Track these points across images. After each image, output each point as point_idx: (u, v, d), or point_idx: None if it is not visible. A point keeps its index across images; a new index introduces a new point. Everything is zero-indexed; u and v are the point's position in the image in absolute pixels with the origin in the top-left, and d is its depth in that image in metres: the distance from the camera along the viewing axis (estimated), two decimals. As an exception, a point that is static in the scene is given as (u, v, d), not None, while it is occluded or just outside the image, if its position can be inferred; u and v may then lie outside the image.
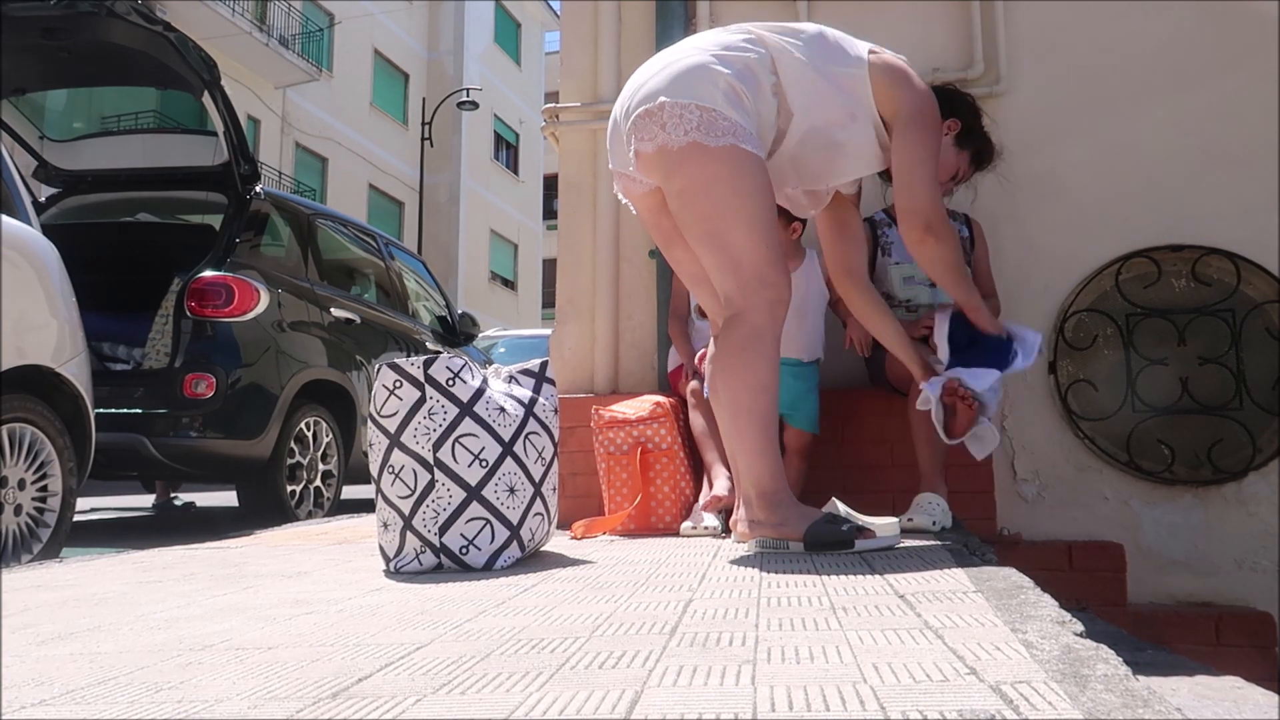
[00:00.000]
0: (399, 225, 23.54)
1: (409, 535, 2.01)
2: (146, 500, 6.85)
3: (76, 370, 3.24)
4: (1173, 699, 1.53)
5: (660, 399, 2.89)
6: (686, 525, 2.65)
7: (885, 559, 1.88)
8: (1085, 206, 3.24)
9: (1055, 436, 3.20)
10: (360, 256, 5.94)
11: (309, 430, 4.84)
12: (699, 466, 2.85)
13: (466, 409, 2.01)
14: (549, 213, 29.72)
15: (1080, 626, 1.18)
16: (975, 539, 2.35)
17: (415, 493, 2.00)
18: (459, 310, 6.80)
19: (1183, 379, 3.16)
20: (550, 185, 28.65)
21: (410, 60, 24.67)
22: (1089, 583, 2.98)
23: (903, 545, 2.07)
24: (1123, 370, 3.20)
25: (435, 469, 1.98)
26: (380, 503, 2.07)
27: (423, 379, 2.01)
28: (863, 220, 3.04)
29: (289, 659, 1.18)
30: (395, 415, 2.02)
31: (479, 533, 1.99)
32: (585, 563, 2.07)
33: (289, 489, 4.67)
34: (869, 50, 2.18)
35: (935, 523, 2.47)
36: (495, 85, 27.61)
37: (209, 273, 4.36)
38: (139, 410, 4.16)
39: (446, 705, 0.93)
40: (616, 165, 2.25)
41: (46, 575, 2.30)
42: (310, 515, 4.79)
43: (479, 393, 2.04)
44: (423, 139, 21.28)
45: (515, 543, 2.03)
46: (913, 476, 2.64)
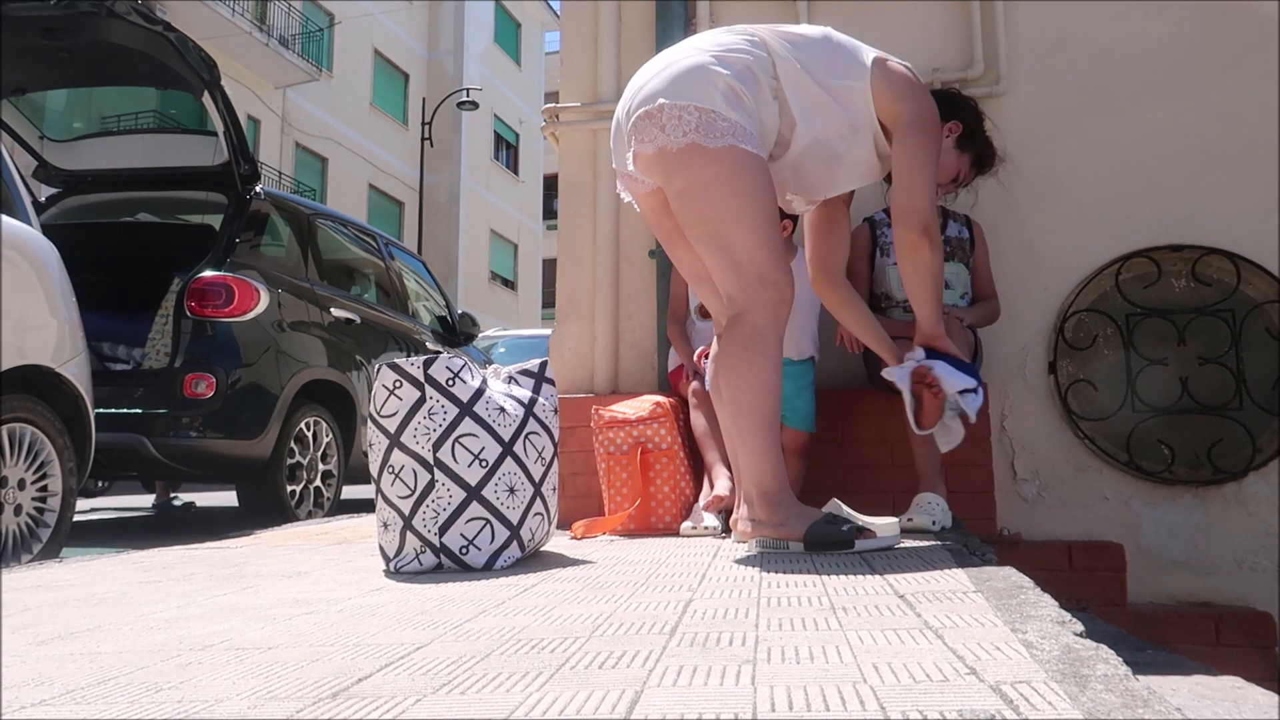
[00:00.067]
0: (399, 225, 23.54)
1: (409, 535, 2.01)
2: (147, 500, 6.85)
3: (76, 370, 3.24)
4: (1173, 699, 1.53)
5: (660, 399, 2.89)
6: (686, 525, 2.65)
7: (885, 559, 1.88)
8: (1085, 206, 3.24)
9: (1055, 436, 3.20)
10: (360, 256, 5.94)
11: (309, 430, 4.84)
12: (699, 466, 2.85)
13: (466, 409, 2.01)
14: (549, 213, 29.71)
15: (1080, 626, 1.18)
16: (975, 539, 2.35)
17: (415, 493, 2.00)
18: (459, 310, 6.80)
19: (1183, 379, 3.16)
20: (550, 185, 28.65)
21: (410, 60, 24.67)
22: (1089, 583, 2.98)
23: (903, 545, 2.07)
24: (1123, 370, 3.20)
25: (435, 469, 1.98)
26: (380, 503, 2.08)
27: (423, 379, 2.01)
28: (863, 220, 3.05)
29: (289, 659, 1.18)
30: (395, 415, 2.02)
31: (479, 533, 1.99)
32: (585, 563, 2.07)
33: (289, 489, 4.67)
34: (874, 58, 2.16)
35: (935, 522, 2.47)
36: (495, 85, 27.61)
37: (209, 273, 4.36)
38: (139, 410, 4.17)
39: (446, 705, 0.93)
40: (619, 165, 2.25)
41: (46, 575, 2.30)
42: (310, 515, 4.79)
43: (479, 393, 2.04)
44: (423, 139, 21.28)
45: (515, 543, 2.03)
46: (913, 476, 2.64)
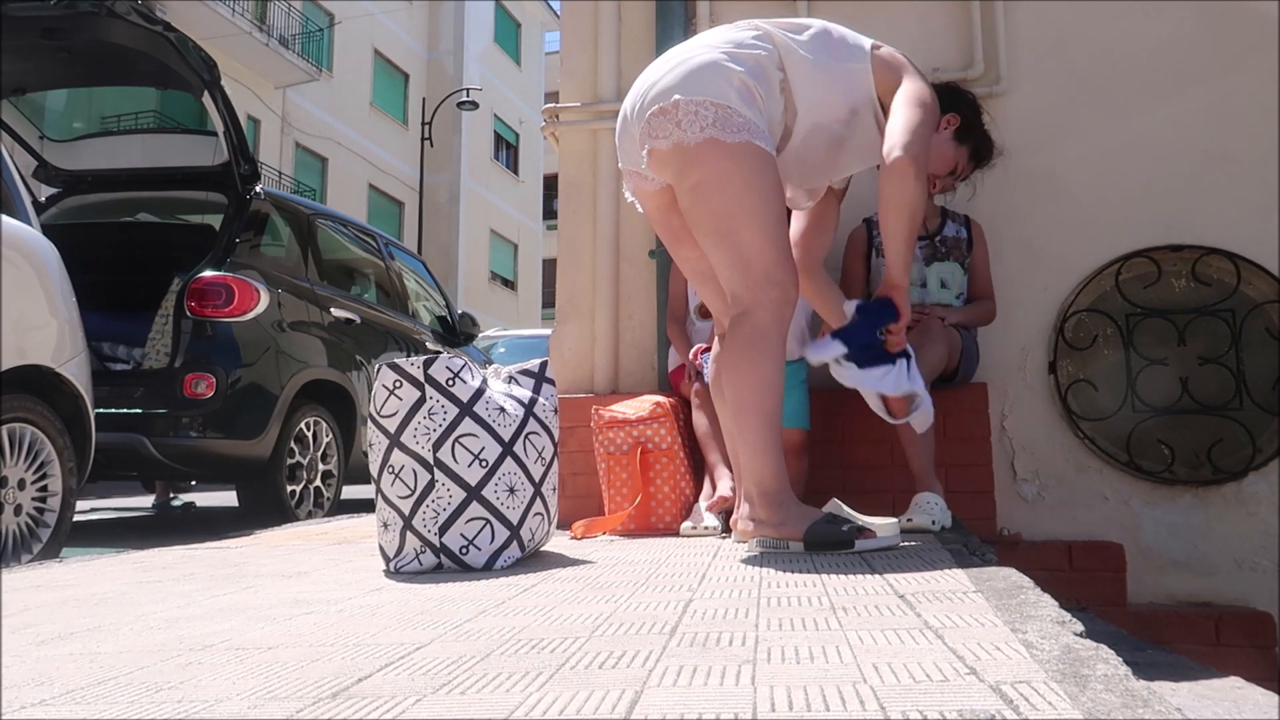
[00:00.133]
0: (399, 225, 23.53)
1: (409, 535, 2.01)
2: (147, 500, 6.85)
3: (76, 370, 3.24)
4: (1173, 699, 1.53)
5: (660, 399, 2.89)
6: (686, 525, 2.65)
7: (885, 559, 1.88)
8: (1085, 206, 3.24)
9: (1055, 436, 3.20)
10: (360, 256, 5.94)
11: (309, 430, 4.84)
12: (699, 466, 2.85)
13: (466, 409, 2.01)
14: (549, 213, 29.71)
15: (1080, 626, 1.18)
16: (975, 539, 2.35)
17: (415, 493, 2.00)
18: (459, 310, 6.80)
19: (1183, 379, 3.16)
20: (550, 185, 28.64)
21: (410, 60, 24.67)
22: (1089, 583, 2.98)
23: (903, 545, 2.07)
24: (1123, 370, 3.20)
25: (435, 469, 1.98)
26: (380, 503, 2.08)
27: (423, 379, 2.01)
28: (861, 220, 3.05)
29: (289, 659, 1.18)
30: (395, 415, 2.02)
31: (479, 533, 1.99)
32: (585, 563, 2.07)
33: (289, 489, 4.67)
34: (872, 44, 2.20)
35: (935, 522, 2.47)
36: (495, 85, 27.60)
37: (209, 273, 4.36)
38: (139, 410, 4.17)
39: (446, 705, 0.93)
40: (626, 163, 2.24)
41: (46, 575, 2.30)
42: (310, 515, 4.79)
43: (479, 393, 2.04)
44: (423, 139, 21.28)
45: (515, 543, 2.03)
46: (912, 476, 2.64)
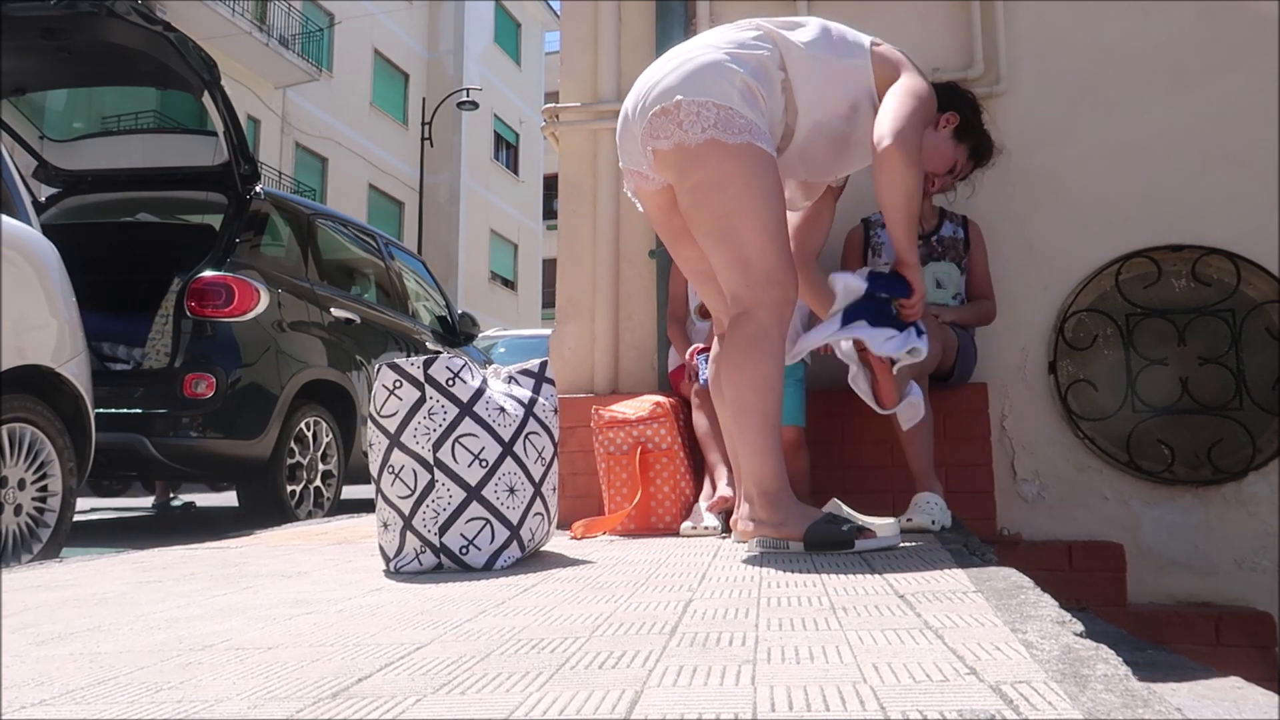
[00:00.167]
0: (399, 225, 23.53)
1: (409, 535, 2.01)
2: (147, 500, 6.85)
3: (76, 370, 3.24)
4: (1173, 699, 1.53)
5: (660, 399, 2.89)
6: (686, 525, 2.65)
7: (885, 559, 1.88)
8: (1085, 206, 3.24)
9: (1055, 436, 3.20)
10: (360, 256, 5.94)
11: (309, 430, 4.84)
12: (699, 466, 2.85)
13: (466, 409, 2.01)
14: (549, 213, 29.70)
15: (1080, 626, 1.18)
16: (975, 539, 2.35)
17: (415, 493, 2.00)
18: (459, 310, 6.80)
19: (1183, 379, 3.16)
20: (550, 185, 28.63)
21: (410, 60, 24.67)
22: (1089, 583, 2.98)
23: (903, 545, 2.07)
24: (1123, 370, 3.20)
25: (435, 469, 1.98)
26: (380, 503, 2.08)
27: (423, 379, 2.01)
28: (859, 221, 3.05)
29: (289, 659, 1.18)
30: (395, 415, 2.02)
31: (479, 533, 1.99)
32: (585, 563, 2.07)
33: (289, 489, 4.67)
34: (871, 41, 2.21)
35: (935, 522, 2.47)
36: (495, 85, 27.60)
37: (209, 273, 4.36)
38: (139, 410, 4.17)
39: (446, 705, 0.93)
40: (627, 163, 2.24)
41: (46, 575, 2.30)
42: (310, 515, 4.79)
43: (479, 393, 2.04)
44: (423, 139, 21.28)
45: (515, 543, 2.03)
46: (912, 476, 2.64)
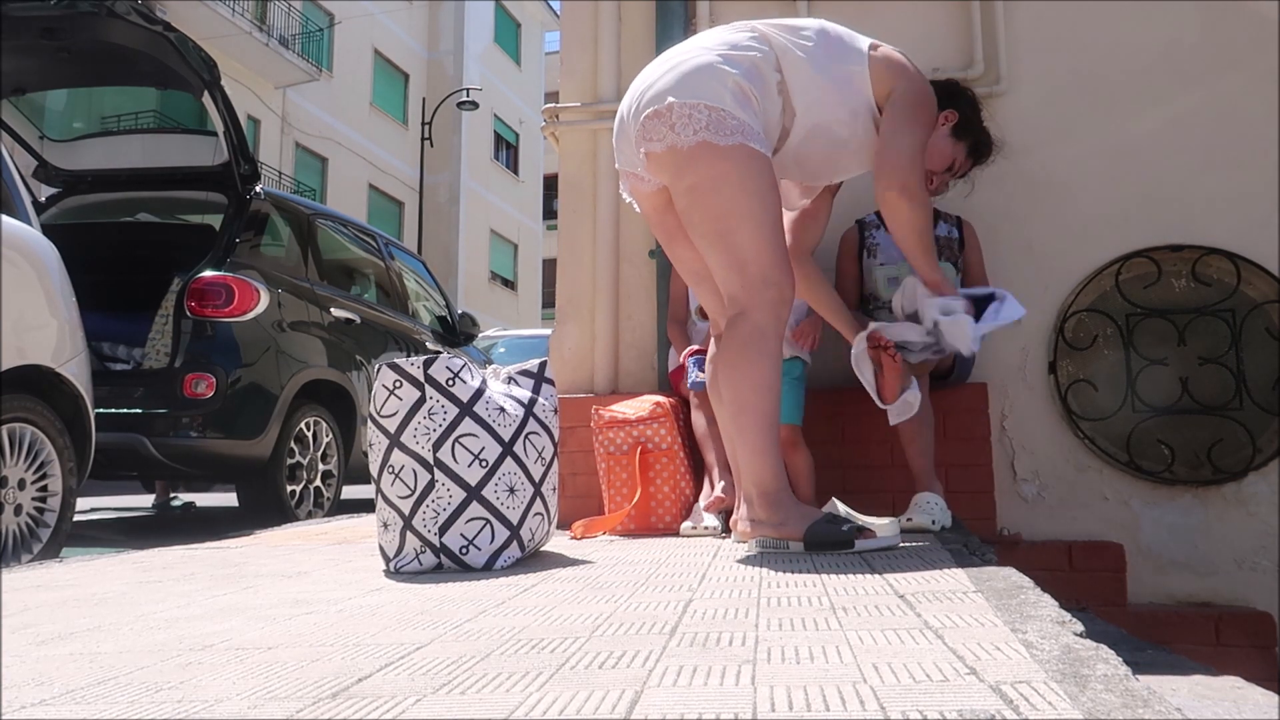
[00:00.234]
0: (399, 225, 23.53)
1: (409, 535, 2.01)
2: (147, 500, 6.85)
3: (76, 370, 3.24)
4: (1173, 699, 1.53)
5: (660, 399, 2.89)
6: (686, 525, 2.65)
7: (885, 559, 1.88)
8: (1085, 206, 3.24)
9: (1055, 436, 3.20)
10: (360, 256, 5.94)
11: (309, 430, 4.84)
12: (699, 466, 2.85)
13: (466, 409, 2.01)
14: (549, 213, 29.70)
15: (1080, 626, 1.18)
16: (975, 539, 2.35)
17: (415, 493, 2.00)
18: (459, 310, 6.80)
19: (1183, 379, 3.16)
20: (550, 185, 28.63)
21: (410, 60, 24.66)
22: (1089, 583, 2.98)
23: (903, 545, 2.07)
24: (1123, 370, 3.19)
25: (435, 469, 1.98)
26: (380, 503, 2.08)
27: (423, 379, 2.01)
28: (854, 222, 3.05)
29: (289, 659, 1.18)
30: (395, 415, 2.02)
31: (479, 533, 1.99)
32: (585, 563, 2.07)
33: (289, 489, 4.67)
34: (870, 45, 2.20)
35: (935, 522, 2.47)
36: (495, 85, 27.59)
37: (209, 273, 4.36)
38: (139, 410, 4.16)
39: (446, 705, 0.93)
40: (623, 164, 2.25)
41: (46, 575, 2.30)
42: (310, 515, 4.79)
43: (479, 393, 2.04)
44: (423, 139, 21.27)
45: (515, 543, 2.03)
46: (912, 476, 2.64)
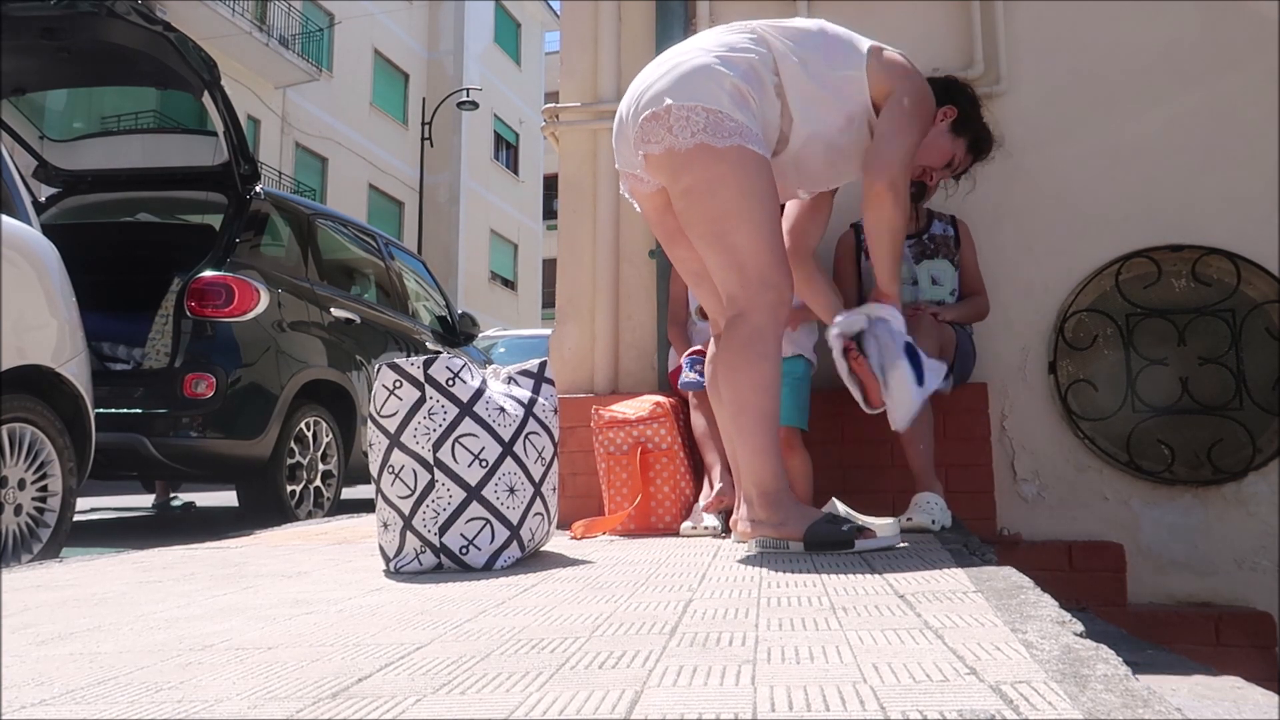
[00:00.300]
0: (399, 225, 23.53)
1: (409, 535, 2.01)
2: (146, 500, 6.85)
3: (76, 370, 3.24)
4: (1173, 699, 1.53)
5: (660, 399, 2.89)
6: (686, 525, 2.65)
7: (885, 559, 1.88)
8: (1085, 206, 3.24)
9: (1055, 436, 3.20)
10: (360, 256, 5.94)
11: (309, 430, 4.84)
12: (699, 466, 2.85)
13: (466, 409, 2.01)
14: (549, 213, 29.70)
15: (1080, 626, 1.18)
16: (975, 539, 2.35)
17: (415, 493, 2.00)
18: (459, 310, 6.80)
19: (1183, 379, 3.16)
20: (550, 185, 28.63)
21: (410, 60, 24.66)
22: (1089, 583, 2.98)
23: (903, 545, 2.07)
24: (1123, 370, 3.20)
25: (435, 469, 1.98)
26: (380, 503, 2.08)
27: (423, 379, 2.01)
28: (849, 226, 3.04)
29: (289, 659, 1.18)
30: (395, 415, 2.02)
31: (479, 533, 1.99)
32: (585, 563, 2.07)
33: (289, 489, 4.67)
34: (870, 46, 2.19)
35: (935, 521, 2.47)
36: (495, 85, 27.59)
37: (209, 273, 4.36)
38: (139, 410, 4.16)
39: (446, 705, 0.93)
40: (622, 165, 2.25)
41: (46, 575, 2.30)
42: (310, 515, 4.79)
43: (479, 393, 2.04)
44: (423, 139, 21.27)
45: (515, 543, 2.03)
46: (912, 476, 2.64)
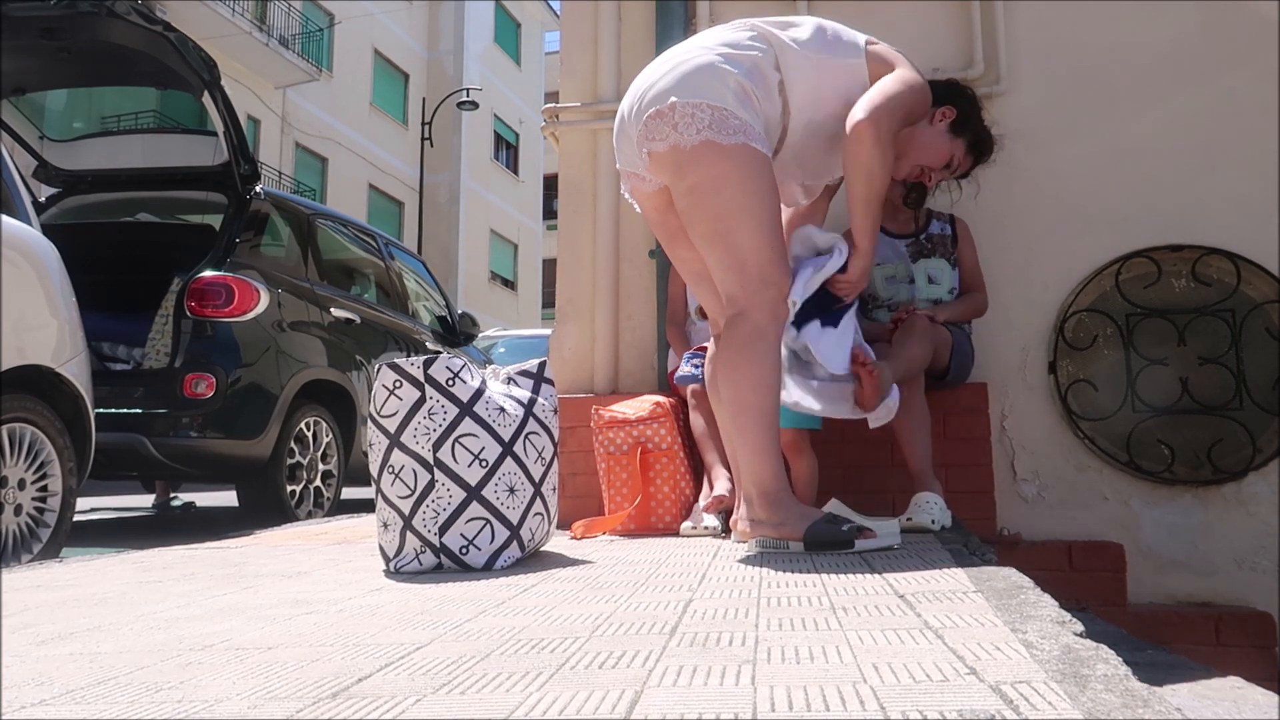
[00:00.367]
0: (399, 225, 23.53)
1: (409, 535, 2.01)
2: (146, 500, 6.85)
3: (76, 370, 3.24)
4: (1173, 699, 1.53)
5: (660, 399, 2.89)
6: (686, 525, 2.65)
7: (885, 559, 1.88)
8: (1085, 206, 3.24)
9: (1055, 436, 3.20)
10: (360, 256, 5.94)
11: (309, 430, 4.84)
12: (699, 467, 2.85)
13: (466, 409, 2.01)
14: (549, 213, 29.70)
15: (1080, 626, 1.18)
16: (975, 539, 2.35)
17: (415, 493, 2.00)
18: (459, 310, 6.80)
19: (1183, 379, 3.16)
20: (550, 185, 28.63)
21: (410, 60, 24.66)
22: (1089, 583, 2.98)
23: (903, 545, 2.07)
24: (1123, 370, 3.19)
25: (435, 469, 1.98)
26: (380, 503, 2.08)
27: (423, 379, 2.01)
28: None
29: (289, 659, 1.18)
30: (395, 415, 2.02)
31: (479, 533, 1.99)
32: (585, 563, 2.07)
33: (289, 489, 4.67)
34: (866, 41, 2.21)
35: (935, 521, 2.47)
36: (495, 85, 27.59)
37: (209, 273, 4.36)
38: (139, 410, 4.16)
39: (446, 705, 0.93)
40: (624, 164, 2.25)
41: (46, 575, 2.30)
42: (310, 515, 4.79)
43: (479, 393, 2.04)
44: (423, 139, 21.27)
45: (515, 543, 2.03)
46: (912, 476, 2.64)
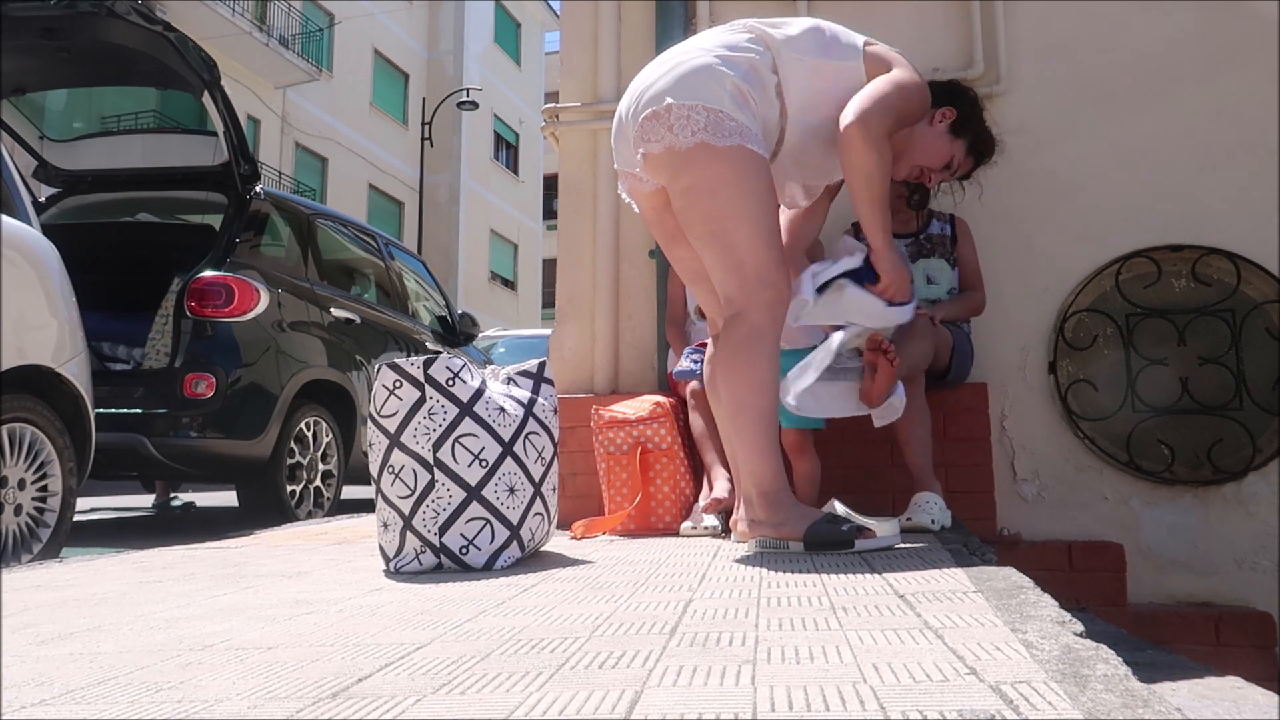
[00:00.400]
0: (399, 225, 23.53)
1: (409, 535, 2.01)
2: (146, 500, 6.85)
3: (76, 370, 3.24)
4: (1173, 699, 1.53)
5: (660, 399, 2.89)
6: (686, 525, 2.65)
7: (885, 559, 1.88)
8: (1085, 206, 3.24)
9: (1055, 436, 3.20)
10: (360, 256, 5.94)
11: (309, 430, 4.84)
12: (699, 467, 2.85)
13: (466, 409, 2.01)
14: (549, 213, 29.70)
15: (1080, 626, 1.18)
16: (975, 539, 2.35)
17: (415, 493, 2.00)
18: (459, 310, 6.80)
19: (1183, 379, 3.16)
20: (550, 185, 28.63)
21: (410, 60, 24.66)
22: (1089, 583, 2.98)
23: (902, 545, 2.07)
24: (1123, 370, 3.19)
25: (435, 469, 1.98)
26: (380, 503, 2.08)
27: (423, 379, 2.01)
28: (851, 225, 3.04)
29: (289, 659, 1.18)
30: (395, 415, 2.02)
31: (479, 533, 1.99)
32: (585, 563, 2.07)
33: (289, 489, 4.67)
34: (865, 42, 2.21)
35: (934, 521, 2.47)
36: (495, 85, 27.59)
37: (209, 273, 4.36)
38: (139, 410, 4.16)
39: (446, 705, 0.93)
40: (621, 165, 2.25)
41: (46, 575, 2.30)
42: (310, 515, 4.79)
43: (479, 393, 2.04)
44: (423, 139, 21.27)
45: (515, 543, 2.03)
46: (912, 476, 2.64)
